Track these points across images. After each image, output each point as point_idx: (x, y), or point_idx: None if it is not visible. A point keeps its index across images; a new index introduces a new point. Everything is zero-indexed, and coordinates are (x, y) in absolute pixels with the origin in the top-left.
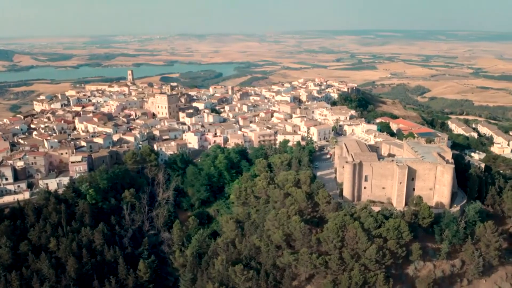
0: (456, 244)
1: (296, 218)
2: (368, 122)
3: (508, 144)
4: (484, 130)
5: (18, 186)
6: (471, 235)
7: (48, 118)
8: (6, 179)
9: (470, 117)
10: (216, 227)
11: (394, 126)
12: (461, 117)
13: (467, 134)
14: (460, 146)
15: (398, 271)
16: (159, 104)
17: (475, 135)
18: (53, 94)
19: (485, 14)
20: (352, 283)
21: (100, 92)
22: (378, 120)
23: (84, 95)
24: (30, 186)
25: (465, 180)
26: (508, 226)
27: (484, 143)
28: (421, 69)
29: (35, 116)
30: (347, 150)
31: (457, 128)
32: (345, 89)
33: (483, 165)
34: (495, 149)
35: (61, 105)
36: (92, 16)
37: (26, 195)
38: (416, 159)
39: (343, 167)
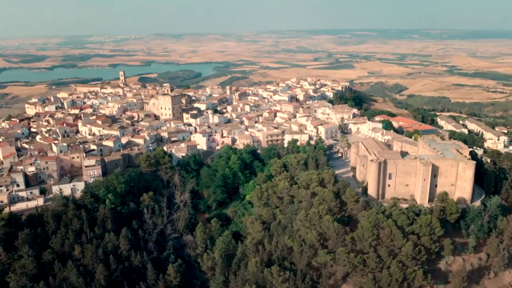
0: (480, 238)
1: (329, 218)
2: (368, 120)
3: (498, 139)
4: (472, 126)
5: (31, 193)
6: (494, 228)
7: (48, 122)
8: (18, 185)
9: (453, 114)
10: (235, 228)
11: (394, 124)
12: (446, 114)
13: (458, 131)
14: None
15: (431, 266)
16: (162, 106)
17: (465, 131)
18: (45, 97)
19: (457, 13)
20: (392, 280)
21: (93, 94)
22: (377, 118)
23: (77, 97)
24: (43, 192)
25: (479, 175)
26: None
27: (475, 139)
28: (397, 68)
29: (32, 120)
30: (366, 149)
31: (447, 125)
32: (339, 88)
33: (489, 160)
34: (488, 144)
35: (56, 108)
36: (65, 16)
37: (40, 201)
38: (437, 156)
39: (364, 165)
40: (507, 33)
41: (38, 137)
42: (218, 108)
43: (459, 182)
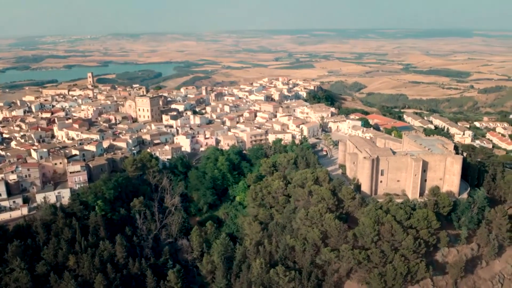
0: (470, 229)
1: (330, 216)
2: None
3: (464, 134)
4: (437, 122)
5: (14, 202)
6: (482, 219)
7: (20, 126)
8: (0, 194)
9: (415, 111)
10: (228, 230)
11: (370, 122)
12: (410, 110)
13: (425, 127)
14: None
15: (428, 258)
16: (140, 107)
17: (432, 127)
18: (10, 100)
19: (411, 12)
20: (397, 273)
21: (62, 96)
22: (351, 116)
23: (45, 100)
24: (26, 200)
25: (462, 169)
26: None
27: (443, 134)
28: (356, 66)
29: (1, 125)
30: (356, 147)
31: (413, 121)
32: (311, 87)
33: (465, 154)
34: (456, 139)
35: (24, 112)
36: (15, 16)
37: (24, 211)
38: (426, 152)
39: (354, 162)
40: (458, 31)
41: (13, 143)
42: (197, 109)
43: (447, 176)
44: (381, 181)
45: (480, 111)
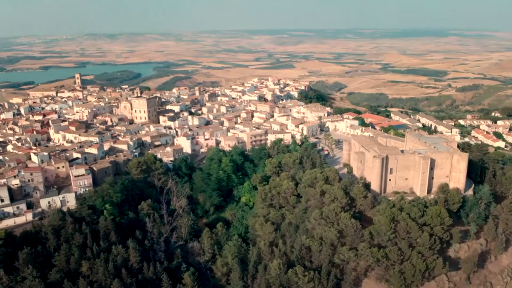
0: (478, 225)
1: (346, 215)
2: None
3: (451, 132)
4: (424, 120)
5: (18, 207)
6: (489, 215)
7: (13, 130)
8: (2, 200)
9: (401, 109)
10: (236, 231)
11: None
12: (395, 109)
13: (413, 125)
14: None
15: (441, 254)
16: (136, 109)
17: (420, 125)
18: None
19: (387, 12)
20: (416, 270)
21: (50, 98)
22: (345, 116)
23: (34, 102)
24: (30, 206)
25: None
26: None
27: (433, 132)
28: (335, 66)
29: None
30: (362, 146)
31: (401, 120)
32: (302, 87)
33: None
34: (446, 136)
35: (14, 115)
36: None
37: (29, 216)
38: (433, 150)
39: (361, 161)
40: (434, 31)
41: (9, 147)
42: (193, 110)
43: (453, 173)
44: (389, 180)
45: (459, 109)
